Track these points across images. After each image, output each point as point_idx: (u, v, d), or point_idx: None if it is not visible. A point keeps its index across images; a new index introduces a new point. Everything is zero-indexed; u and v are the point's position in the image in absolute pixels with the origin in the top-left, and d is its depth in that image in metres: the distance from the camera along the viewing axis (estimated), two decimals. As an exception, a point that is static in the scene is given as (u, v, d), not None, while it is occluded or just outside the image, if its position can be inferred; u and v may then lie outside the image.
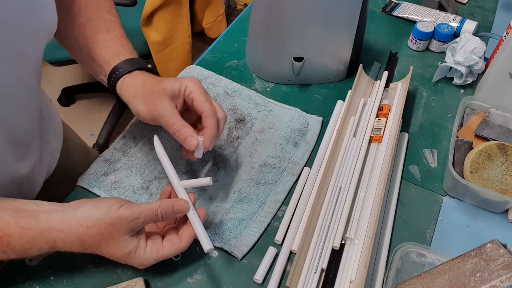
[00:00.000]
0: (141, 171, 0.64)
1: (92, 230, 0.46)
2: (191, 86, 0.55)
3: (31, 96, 0.53)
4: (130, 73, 0.58)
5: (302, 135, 0.71)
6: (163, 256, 0.50)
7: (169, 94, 0.55)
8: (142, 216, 0.48)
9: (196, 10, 1.76)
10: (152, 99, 0.54)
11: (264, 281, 0.54)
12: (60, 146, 0.70)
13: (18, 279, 0.53)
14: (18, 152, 0.55)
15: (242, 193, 0.63)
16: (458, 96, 0.80)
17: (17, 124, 0.52)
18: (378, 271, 0.55)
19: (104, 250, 0.48)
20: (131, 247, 0.48)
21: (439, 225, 0.62)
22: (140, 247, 0.49)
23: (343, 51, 0.78)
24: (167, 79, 0.56)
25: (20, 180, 0.57)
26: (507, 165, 0.63)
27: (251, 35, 0.80)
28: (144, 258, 0.49)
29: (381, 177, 0.63)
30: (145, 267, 0.50)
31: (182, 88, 0.55)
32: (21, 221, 0.46)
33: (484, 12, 1.01)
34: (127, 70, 0.57)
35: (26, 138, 0.56)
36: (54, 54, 1.51)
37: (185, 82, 0.55)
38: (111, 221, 0.47)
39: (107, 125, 1.79)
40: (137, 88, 0.56)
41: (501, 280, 0.48)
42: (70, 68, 2.13)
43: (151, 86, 0.55)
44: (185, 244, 0.51)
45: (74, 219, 0.47)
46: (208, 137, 0.54)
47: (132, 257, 0.49)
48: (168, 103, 0.54)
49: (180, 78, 0.56)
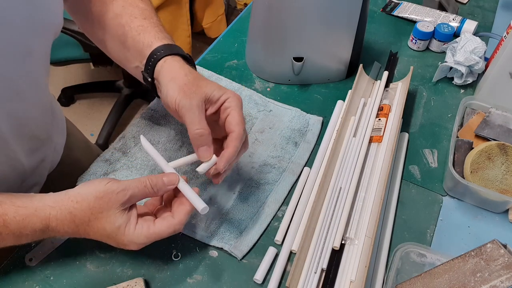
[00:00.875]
0: (141, 171, 0.64)
1: (82, 204, 0.47)
2: (233, 101, 0.53)
3: (40, 92, 0.54)
4: (173, 56, 0.55)
5: (302, 135, 0.71)
6: (155, 233, 0.49)
7: (207, 96, 0.52)
8: (130, 188, 0.48)
9: (196, 10, 1.76)
10: (188, 90, 0.51)
11: (264, 281, 0.54)
12: (63, 141, 0.71)
13: (18, 279, 0.53)
14: (30, 147, 0.56)
15: (242, 193, 0.62)
16: (458, 96, 0.80)
17: (28, 119, 0.53)
18: (378, 271, 0.55)
19: (95, 226, 0.47)
20: (121, 221, 0.47)
21: (439, 225, 0.62)
22: (130, 222, 0.48)
23: (343, 51, 0.77)
24: (210, 82, 0.54)
25: (24, 174, 0.58)
26: (507, 165, 0.63)
27: (251, 35, 0.80)
28: (134, 234, 0.48)
29: (381, 177, 0.63)
30: (136, 247, 0.49)
31: (222, 98, 0.53)
32: (16, 201, 0.46)
33: (484, 12, 1.01)
34: (170, 52, 0.55)
35: (38, 133, 0.57)
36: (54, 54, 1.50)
37: (229, 94, 0.53)
38: (99, 194, 0.47)
39: (107, 125, 1.79)
40: (179, 73, 0.53)
41: (501, 280, 0.48)
42: (70, 68, 2.13)
43: (194, 79, 0.53)
44: (177, 220, 0.49)
45: (66, 195, 0.48)
46: (226, 159, 0.50)
47: (122, 232, 0.48)
48: (200, 102, 0.51)
49: (224, 88, 0.54)
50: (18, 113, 0.51)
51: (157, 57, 0.55)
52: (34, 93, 0.52)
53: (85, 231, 0.48)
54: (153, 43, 0.56)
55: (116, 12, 0.59)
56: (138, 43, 0.57)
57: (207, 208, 0.49)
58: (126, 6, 0.59)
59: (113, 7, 0.59)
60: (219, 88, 0.53)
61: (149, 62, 0.56)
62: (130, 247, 0.49)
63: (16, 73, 0.47)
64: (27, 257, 0.55)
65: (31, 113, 0.53)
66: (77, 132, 0.81)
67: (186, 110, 0.50)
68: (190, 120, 0.50)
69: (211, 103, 0.53)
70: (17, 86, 0.48)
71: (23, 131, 0.53)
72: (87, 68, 2.12)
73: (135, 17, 0.58)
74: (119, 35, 0.59)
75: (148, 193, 0.49)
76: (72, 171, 0.65)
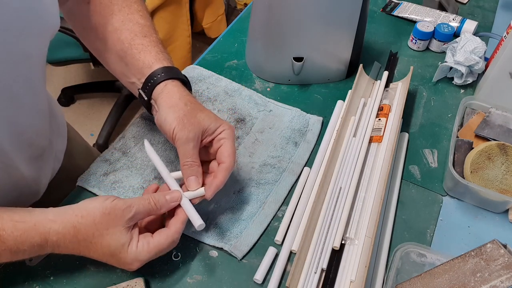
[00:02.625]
0: (141, 171, 0.64)
1: (87, 219, 0.46)
2: (227, 134, 0.55)
3: (38, 97, 0.53)
4: (173, 81, 0.57)
5: (302, 135, 0.71)
6: (155, 246, 0.49)
7: (203, 128, 0.54)
8: (135, 205, 0.48)
9: (196, 10, 1.76)
10: (186, 121, 0.53)
11: (264, 281, 0.54)
12: (64, 147, 0.70)
13: (18, 279, 0.53)
14: (29, 154, 0.55)
15: (242, 193, 0.62)
16: (458, 96, 0.80)
17: (26, 126, 0.52)
18: (378, 271, 0.55)
19: (98, 243, 0.47)
20: (125, 239, 0.48)
21: (439, 225, 0.62)
22: (133, 240, 0.48)
23: (343, 51, 0.77)
24: (208, 113, 0.56)
25: (24, 182, 0.57)
26: (507, 165, 0.63)
27: (251, 35, 0.80)
28: (137, 252, 0.48)
29: (381, 177, 0.63)
30: (139, 265, 0.49)
31: (218, 130, 0.55)
32: (15, 216, 0.46)
33: (484, 12, 1.01)
34: (169, 76, 0.56)
35: (37, 140, 0.56)
36: (54, 54, 1.51)
37: (224, 127, 0.55)
38: (106, 210, 0.47)
39: (107, 125, 1.79)
40: (179, 101, 0.55)
41: (501, 280, 0.48)
42: (70, 68, 2.13)
43: (193, 109, 0.55)
44: (174, 230, 0.50)
45: (69, 210, 0.47)
46: (214, 188, 0.53)
47: (126, 250, 0.48)
48: (196, 135, 0.53)
49: (220, 119, 0.56)
50: (15, 120, 0.50)
51: (157, 79, 0.56)
52: (31, 98, 0.51)
53: (86, 248, 0.48)
54: (153, 64, 0.57)
55: (116, 27, 0.59)
56: (137, 61, 0.58)
57: (203, 225, 0.51)
58: (126, 21, 0.59)
59: (112, 21, 0.59)
60: (215, 120, 0.55)
61: (147, 83, 0.57)
62: (133, 266, 0.49)
63: (12, 78, 0.46)
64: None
65: (29, 120, 0.52)
66: (78, 137, 0.80)
67: (182, 143, 0.53)
68: (183, 152, 0.53)
69: (208, 135, 0.55)
70: (13, 91, 0.47)
71: (21, 138, 0.52)
72: (87, 68, 2.13)
73: (135, 34, 0.58)
74: (117, 50, 0.59)
75: (151, 210, 0.50)
76: (72, 178, 0.64)
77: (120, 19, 0.59)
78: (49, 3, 0.47)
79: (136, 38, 0.58)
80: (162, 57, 0.58)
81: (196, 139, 0.53)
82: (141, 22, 0.60)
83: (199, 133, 0.54)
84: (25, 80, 0.49)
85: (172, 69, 0.58)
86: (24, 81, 0.48)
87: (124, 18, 0.59)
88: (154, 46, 0.59)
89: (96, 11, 0.59)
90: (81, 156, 0.76)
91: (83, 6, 0.59)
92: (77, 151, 0.76)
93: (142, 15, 0.61)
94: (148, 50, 0.58)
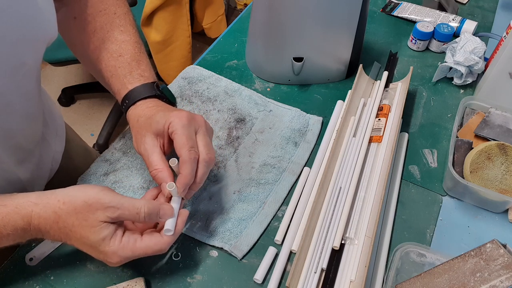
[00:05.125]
0: (141, 171, 0.64)
1: (69, 206, 0.44)
2: (175, 125, 0.51)
3: (31, 103, 0.53)
4: (134, 104, 0.56)
5: (302, 135, 0.71)
6: (141, 248, 0.46)
7: (155, 131, 0.52)
8: (121, 208, 0.45)
9: (196, 10, 1.76)
10: (139, 136, 0.53)
11: (264, 281, 0.54)
12: (62, 149, 0.70)
13: (18, 279, 0.54)
14: (17, 157, 0.55)
15: (242, 193, 0.63)
16: (458, 96, 0.80)
17: (16, 131, 0.52)
18: (378, 271, 0.56)
19: (78, 232, 0.45)
20: (106, 233, 0.45)
21: (439, 225, 0.62)
22: (116, 234, 0.46)
23: (343, 51, 0.78)
24: (159, 113, 0.53)
25: (20, 184, 0.57)
26: (507, 165, 0.63)
27: (251, 35, 0.80)
28: (120, 247, 0.45)
29: (381, 177, 0.63)
30: (118, 261, 0.46)
31: (166, 125, 0.52)
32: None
33: (484, 12, 1.01)
34: (131, 102, 0.56)
35: (25, 143, 0.56)
36: (54, 54, 1.51)
37: (170, 119, 0.51)
38: (88, 199, 0.44)
39: (107, 125, 1.79)
40: (133, 121, 0.55)
41: (501, 280, 0.48)
42: (70, 68, 2.13)
43: (143, 121, 0.54)
44: (165, 239, 0.48)
45: (52, 194, 0.46)
46: (181, 185, 0.50)
47: (107, 244, 0.45)
48: (151, 142, 0.52)
49: (169, 113, 0.52)
50: (5, 125, 0.49)
51: (125, 107, 0.57)
52: (24, 104, 0.51)
53: (66, 236, 0.46)
54: (120, 91, 0.57)
55: (96, 45, 0.59)
56: (111, 85, 0.58)
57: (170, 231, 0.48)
58: (105, 40, 0.59)
59: (94, 39, 0.59)
60: (163, 115, 0.52)
61: (122, 108, 0.58)
62: (112, 260, 0.46)
63: (6, 86, 0.46)
64: (27, 257, 0.55)
65: (19, 125, 0.52)
66: (76, 138, 0.80)
67: (143, 156, 0.52)
68: (146, 164, 0.52)
69: (161, 135, 0.52)
70: (6, 98, 0.47)
71: (8, 142, 0.51)
72: (87, 68, 2.12)
73: (111, 55, 0.58)
74: (98, 69, 0.59)
75: (137, 221, 0.47)
76: (71, 179, 0.64)
77: (100, 37, 0.58)
78: (46, 11, 0.47)
79: (111, 59, 0.58)
80: (130, 79, 0.57)
81: (151, 148, 0.51)
82: (119, 38, 0.59)
83: (152, 140, 0.52)
84: (19, 87, 0.48)
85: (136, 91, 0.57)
86: (17, 88, 0.48)
87: (103, 36, 0.59)
88: (125, 67, 0.58)
89: (81, 27, 0.58)
90: (79, 157, 0.76)
91: (70, 21, 0.59)
92: (75, 152, 0.76)
93: (123, 30, 0.60)
94: (118, 73, 0.58)
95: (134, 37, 0.61)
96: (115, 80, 0.58)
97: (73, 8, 0.58)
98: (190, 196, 0.53)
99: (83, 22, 0.58)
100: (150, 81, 0.58)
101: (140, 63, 0.59)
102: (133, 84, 0.57)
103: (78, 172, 0.64)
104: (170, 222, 0.49)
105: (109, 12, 0.59)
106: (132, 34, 0.61)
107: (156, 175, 0.51)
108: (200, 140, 0.52)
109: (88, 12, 0.58)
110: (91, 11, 0.58)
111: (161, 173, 0.50)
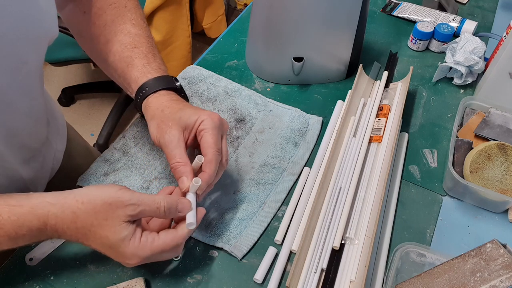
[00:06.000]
0: (141, 171, 0.64)
1: (88, 206, 0.44)
2: (206, 124, 0.52)
3: (34, 102, 0.53)
4: (157, 93, 0.56)
5: (302, 135, 0.71)
6: (159, 246, 0.46)
7: (183, 125, 0.52)
8: (141, 204, 0.45)
9: (196, 10, 1.76)
10: (164, 126, 0.52)
11: (264, 281, 0.54)
12: (63, 148, 0.70)
13: (18, 279, 0.54)
14: (23, 157, 0.55)
15: (242, 193, 0.63)
16: (458, 96, 0.80)
17: (20, 129, 0.52)
18: (378, 271, 0.56)
19: (97, 233, 0.44)
20: (126, 233, 0.45)
21: (439, 225, 0.62)
22: (136, 234, 0.46)
23: (343, 51, 0.78)
24: (188, 108, 0.54)
25: (23, 183, 0.57)
26: (507, 165, 0.63)
27: (251, 35, 0.80)
28: (139, 247, 0.45)
29: (381, 177, 0.63)
30: (138, 261, 0.46)
31: (197, 121, 0.52)
32: (11, 201, 0.44)
33: (484, 12, 1.01)
34: (152, 90, 0.56)
35: (30, 142, 0.56)
36: (54, 54, 1.51)
37: (203, 117, 0.52)
38: (108, 199, 0.44)
39: (107, 125, 1.79)
40: (156, 110, 0.54)
41: (501, 280, 0.48)
42: (70, 68, 2.13)
43: (169, 112, 0.53)
44: (180, 234, 0.48)
45: (70, 194, 0.45)
46: (204, 182, 0.50)
47: (126, 244, 0.45)
48: (177, 134, 0.51)
49: (200, 111, 0.53)
50: (9, 124, 0.49)
51: (143, 95, 0.56)
52: (27, 103, 0.51)
53: (84, 237, 0.45)
54: (139, 79, 0.57)
55: (108, 38, 0.58)
56: (126, 75, 0.58)
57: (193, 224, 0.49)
58: (118, 33, 0.58)
59: (105, 32, 0.58)
60: (194, 112, 0.53)
61: (137, 98, 0.57)
62: (132, 261, 0.46)
63: (8, 85, 0.46)
64: (27, 256, 0.55)
65: (23, 124, 0.52)
66: (78, 137, 0.80)
67: (164, 147, 0.52)
68: (168, 155, 0.52)
69: (189, 130, 0.53)
70: (8, 97, 0.47)
71: (14, 141, 0.51)
72: (87, 68, 2.13)
73: (125, 46, 0.58)
74: (110, 62, 0.59)
75: (158, 215, 0.47)
76: (72, 178, 0.64)
77: (112, 30, 0.58)
78: (47, 10, 0.47)
79: (125, 50, 0.58)
80: (148, 69, 0.57)
81: (176, 140, 0.51)
82: (132, 31, 0.59)
83: (179, 133, 0.52)
84: (21, 86, 0.48)
85: (157, 80, 0.57)
86: (20, 87, 0.48)
87: (116, 29, 0.59)
88: (142, 58, 0.58)
89: (91, 21, 0.58)
90: (80, 156, 0.77)
91: (79, 15, 0.59)
92: (76, 151, 0.76)
93: (135, 23, 0.60)
94: (135, 63, 0.57)
95: (146, 31, 0.61)
96: (131, 69, 0.57)
97: (81, 3, 0.59)
98: (202, 198, 0.53)
99: (93, 16, 0.58)
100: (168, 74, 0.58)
101: (156, 57, 0.60)
102: (152, 74, 0.57)
103: (79, 172, 0.64)
104: (191, 216, 0.49)
105: (119, 6, 0.59)
106: (144, 28, 0.61)
107: (178, 168, 0.51)
108: (224, 145, 0.54)
109: (98, 6, 0.58)
110: (101, 5, 0.58)
111: (184, 167, 0.51)
